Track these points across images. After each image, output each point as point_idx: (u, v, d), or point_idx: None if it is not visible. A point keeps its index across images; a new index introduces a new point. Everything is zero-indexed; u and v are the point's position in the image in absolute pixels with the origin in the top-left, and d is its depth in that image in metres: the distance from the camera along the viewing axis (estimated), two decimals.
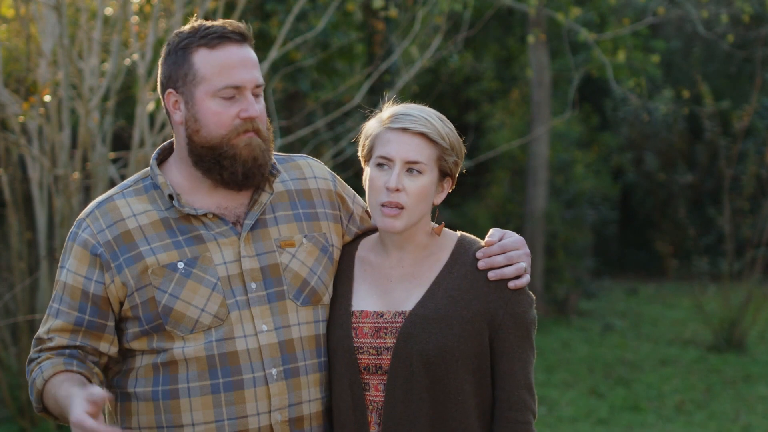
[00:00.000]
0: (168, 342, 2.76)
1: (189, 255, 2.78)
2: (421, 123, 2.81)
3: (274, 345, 2.79)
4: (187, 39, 2.78)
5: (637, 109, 16.27)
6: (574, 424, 8.70)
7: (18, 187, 8.05)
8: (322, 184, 3.01)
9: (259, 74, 2.81)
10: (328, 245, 2.94)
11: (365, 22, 13.04)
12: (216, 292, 2.76)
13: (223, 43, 2.76)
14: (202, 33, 2.77)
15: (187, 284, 2.76)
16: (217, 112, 2.76)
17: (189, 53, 2.77)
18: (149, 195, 2.84)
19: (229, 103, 2.76)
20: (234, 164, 2.78)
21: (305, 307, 2.86)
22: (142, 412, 2.79)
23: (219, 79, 2.75)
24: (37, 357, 2.80)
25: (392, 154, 2.80)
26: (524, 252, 2.86)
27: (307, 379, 2.82)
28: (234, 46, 2.77)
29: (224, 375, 2.75)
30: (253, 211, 2.85)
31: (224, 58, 2.76)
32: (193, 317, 2.75)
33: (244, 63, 2.77)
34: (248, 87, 2.77)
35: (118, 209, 2.82)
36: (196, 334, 2.75)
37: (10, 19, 8.73)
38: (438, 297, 2.82)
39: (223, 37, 2.76)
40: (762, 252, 12.19)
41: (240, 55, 2.78)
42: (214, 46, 2.75)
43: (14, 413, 7.74)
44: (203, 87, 2.76)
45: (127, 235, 2.78)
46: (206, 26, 2.79)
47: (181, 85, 2.78)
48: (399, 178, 2.79)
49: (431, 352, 2.76)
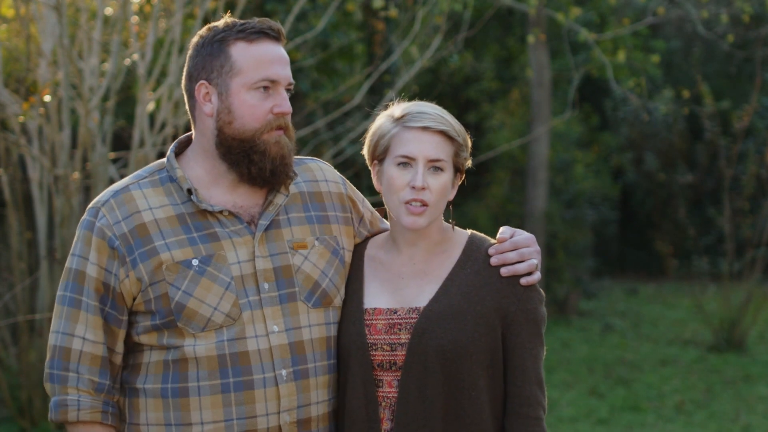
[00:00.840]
0: (179, 339, 2.77)
1: (204, 252, 2.79)
2: (439, 121, 2.84)
3: (284, 346, 2.80)
4: (224, 32, 2.82)
5: (637, 109, 16.26)
6: (574, 424, 8.70)
7: (18, 187, 8.04)
8: (333, 187, 3.03)
9: (290, 73, 2.86)
10: (339, 248, 2.96)
11: (365, 22, 13.04)
12: (229, 291, 2.78)
13: (261, 38, 2.81)
14: (240, 27, 2.82)
15: (201, 282, 2.76)
16: (253, 105, 2.79)
17: (226, 45, 2.80)
18: (165, 188, 2.84)
19: (263, 96, 2.80)
20: (263, 160, 2.81)
21: (316, 309, 2.87)
22: (151, 409, 2.80)
23: (256, 72, 2.79)
24: (73, 373, 2.81)
25: (415, 153, 2.83)
26: (535, 249, 2.90)
27: (316, 380, 2.83)
28: (271, 42, 2.83)
29: (235, 375, 2.76)
30: (268, 211, 2.87)
31: (262, 52, 2.80)
32: (205, 315, 2.76)
33: (281, 59, 2.83)
34: (283, 83, 2.82)
35: (134, 200, 2.82)
36: (208, 332, 2.76)
37: (10, 19, 8.73)
38: (452, 293, 2.84)
39: (261, 32, 2.81)
40: (762, 252, 12.19)
41: (277, 51, 2.83)
42: (252, 40, 2.80)
43: (14, 413, 7.74)
44: (240, 79, 2.79)
45: (142, 228, 2.78)
46: (242, 21, 2.84)
47: (216, 77, 2.81)
48: (424, 177, 2.82)
49: (446, 348, 2.78)
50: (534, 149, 14.25)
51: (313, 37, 10.09)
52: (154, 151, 7.50)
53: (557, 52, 15.22)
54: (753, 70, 16.42)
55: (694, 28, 14.99)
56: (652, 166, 17.57)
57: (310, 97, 12.02)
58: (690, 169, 17.46)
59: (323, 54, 11.27)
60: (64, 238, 7.48)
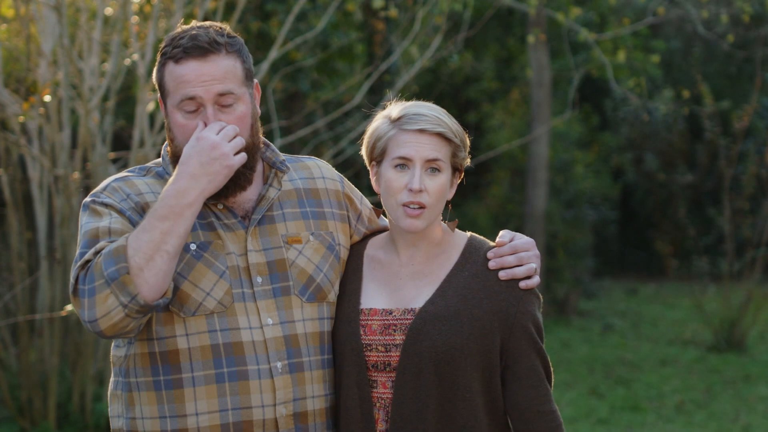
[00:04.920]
0: (168, 326, 2.76)
1: (202, 238, 2.80)
2: (436, 123, 2.83)
3: (279, 339, 2.81)
4: (165, 48, 2.82)
5: (637, 109, 16.28)
6: (574, 424, 8.71)
7: (18, 187, 8.04)
8: (330, 184, 3.03)
9: (222, 85, 2.78)
10: (334, 244, 2.96)
11: (365, 22, 13.05)
12: (223, 279, 2.78)
13: (185, 57, 2.78)
14: (174, 44, 2.80)
15: (197, 266, 2.77)
16: (183, 125, 2.80)
17: (162, 64, 2.82)
18: (164, 180, 2.86)
19: (192, 116, 2.79)
20: None
21: (310, 304, 2.87)
22: (145, 402, 2.80)
23: (178, 92, 2.78)
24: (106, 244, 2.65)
25: (412, 154, 2.82)
26: (534, 253, 2.90)
27: (311, 374, 2.84)
28: (193, 61, 2.78)
29: (229, 365, 2.76)
30: (261, 206, 2.88)
31: (183, 72, 2.78)
32: (197, 299, 2.76)
33: (201, 77, 2.77)
34: (206, 99, 2.78)
35: (136, 185, 2.84)
36: (198, 317, 2.76)
37: (10, 19, 8.73)
38: (449, 295, 2.84)
39: (185, 51, 2.77)
40: (762, 252, 12.20)
41: (199, 70, 2.77)
42: (178, 60, 2.78)
43: (14, 413, 7.74)
44: (169, 100, 2.81)
45: (146, 206, 2.79)
46: (180, 36, 2.81)
47: (162, 95, 2.85)
48: (421, 179, 2.81)
49: (440, 349, 2.78)
50: (534, 149, 14.26)
51: (313, 37, 10.08)
52: (154, 151, 7.49)
53: (557, 52, 15.23)
54: (753, 70, 16.43)
55: (694, 28, 14.99)
56: (652, 166, 17.57)
57: (310, 97, 12.03)
58: (690, 169, 17.47)
59: (323, 54, 11.27)
60: (64, 238, 7.48)
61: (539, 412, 2.83)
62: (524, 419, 2.83)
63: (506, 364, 2.84)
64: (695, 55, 17.34)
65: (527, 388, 2.83)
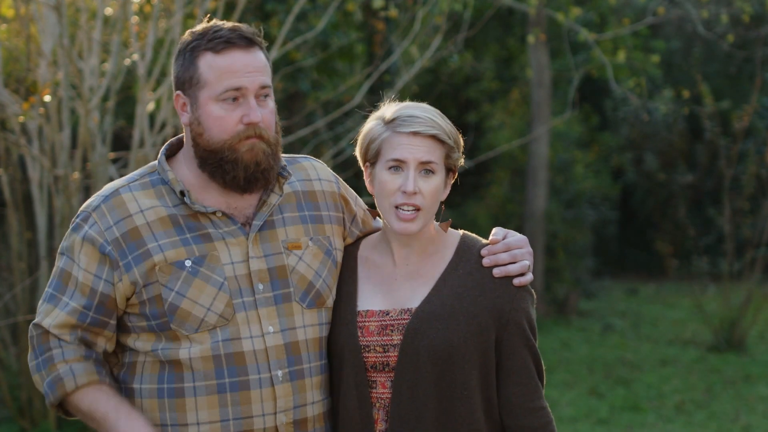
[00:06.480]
0: (174, 343, 2.77)
1: (197, 253, 2.78)
2: (429, 125, 2.83)
3: (280, 347, 2.81)
4: (196, 42, 2.79)
5: (637, 109, 16.26)
6: (574, 424, 8.70)
7: (18, 187, 8.04)
8: (326, 186, 3.03)
9: (264, 77, 2.80)
10: (331, 248, 2.96)
11: (365, 22, 13.04)
12: (222, 292, 2.77)
13: (229, 48, 2.76)
14: (210, 36, 2.78)
15: (194, 283, 2.76)
16: (220, 117, 2.76)
17: (195, 57, 2.78)
18: (156, 190, 2.84)
19: (231, 107, 2.76)
20: (236, 168, 2.78)
21: (310, 310, 2.88)
22: (147, 409, 2.80)
23: (221, 83, 2.75)
24: (57, 349, 2.79)
25: (406, 156, 2.83)
26: (527, 251, 2.91)
27: (311, 381, 2.84)
28: (240, 51, 2.77)
29: (230, 375, 2.76)
30: (262, 212, 2.87)
31: (228, 62, 2.76)
32: (198, 316, 2.75)
33: (248, 67, 2.77)
34: (250, 90, 2.77)
35: (125, 204, 2.81)
36: (202, 333, 2.76)
37: (10, 19, 8.73)
38: (444, 294, 2.85)
39: (229, 42, 2.76)
40: (762, 252, 12.19)
41: (245, 60, 2.78)
42: (219, 50, 2.76)
43: (14, 413, 7.74)
44: (206, 91, 2.77)
45: (134, 232, 2.78)
46: (215, 29, 2.80)
47: (188, 88, 2.80)
48: (415, 181, 2.82)
49: (438, 348, 2.79)
50: (534, 149, 14.26)
51: (313, 37, 10.08)
52: (154, 151, 7.49)
53: (557, 52, 15.22)
54: (753, 70, 16.42)
55: (694, 28, 14.99)
56: (652, 166, 17.56)
57: (310, 97, 12.03)
58: (690, 169, 17.46)
59: (323, 54, 11.27)
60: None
61: (530, 408, 2.85)
62: (515, 415, 2.85)
63: (499, 360, 2.85)
64: (695, 55, 17.34)
65: (518, 384, 2.85)
